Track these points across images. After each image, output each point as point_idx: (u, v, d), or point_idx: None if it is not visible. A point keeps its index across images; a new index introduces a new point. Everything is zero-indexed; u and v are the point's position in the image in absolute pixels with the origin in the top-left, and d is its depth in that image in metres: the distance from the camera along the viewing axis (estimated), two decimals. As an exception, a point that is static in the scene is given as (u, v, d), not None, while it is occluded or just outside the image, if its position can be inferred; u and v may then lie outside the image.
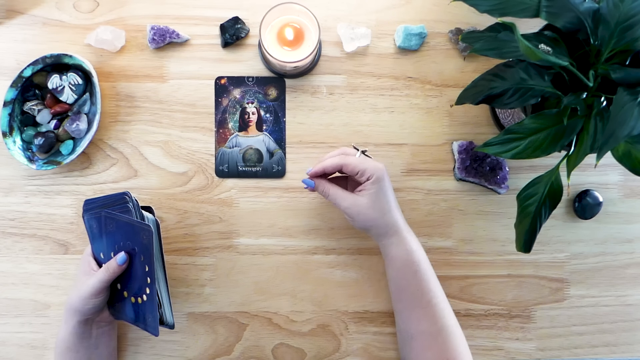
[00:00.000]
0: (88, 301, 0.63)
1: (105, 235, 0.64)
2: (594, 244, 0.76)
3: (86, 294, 0.62)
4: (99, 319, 0.67)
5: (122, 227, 0.62)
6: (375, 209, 0.65)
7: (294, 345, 0.74)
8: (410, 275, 0.66)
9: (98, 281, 0.62)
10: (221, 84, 0.74)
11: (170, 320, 0.67)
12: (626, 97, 0.52)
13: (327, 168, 0.66)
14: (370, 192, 0.65)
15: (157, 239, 0.66)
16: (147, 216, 0.66)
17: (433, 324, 0.65)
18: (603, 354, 0.76)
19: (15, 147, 0.70)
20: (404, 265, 0.66)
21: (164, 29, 0.73)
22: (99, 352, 0.67)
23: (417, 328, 0.65)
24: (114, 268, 0.62)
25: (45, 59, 0.70)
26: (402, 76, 0.75)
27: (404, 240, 0.66)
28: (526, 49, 0.51)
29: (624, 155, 0.57)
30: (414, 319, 0.66)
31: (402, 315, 0.67)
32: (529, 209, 0.62)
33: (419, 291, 0.66)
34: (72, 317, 0.64)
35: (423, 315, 0.65)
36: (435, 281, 0.67)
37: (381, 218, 0.66)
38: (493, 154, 0.60)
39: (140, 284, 0.63)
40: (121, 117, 0.74)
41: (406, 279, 0.66)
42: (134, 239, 0.62)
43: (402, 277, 0.66)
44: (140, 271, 0.62)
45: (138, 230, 0.61)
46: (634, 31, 0.55)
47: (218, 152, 0.74)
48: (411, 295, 0.66)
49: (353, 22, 0.75)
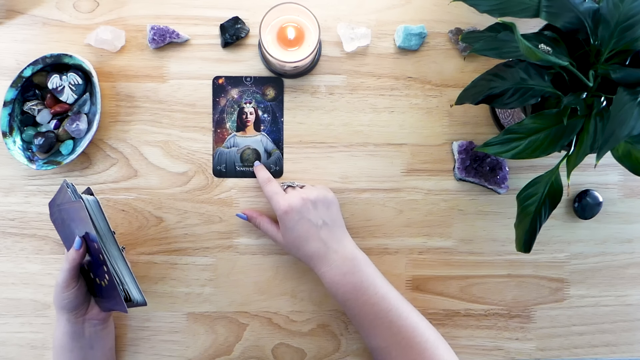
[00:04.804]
0: (62, 295, 0.63)
1: (65, 228, 0.65)
2: (594, 244, 0.76)
3: (59, 289, 0.63)
4: (89, 316, 0.66)
5: (70, 215, 0.63)
6: (289, 246, 0.67)
7: (294, 345, 0.74)
8: (349, 297, 0.64)
9: (63, 272, 0.63)
10: (219, 84, 0.74)
11: (139, 297, 0.65)
12: (626, 97, 0.51)
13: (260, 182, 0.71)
14: (281, 229, 0.67)
15: (102, 216, 0.65)
16: (86, 197, 0.65)
17: (383, 340, 0.63)
18: (603, 354, 0.76)
19: (15, 147, 0.70)
20: (342, 292, 0.65)
21: (164, 29, 0.73)
22: (94, 353, 0.67)
23: (373, 344, 0.65)
24: (72, 254, 0.63)
25: (45, 59, 0.70)
26: (402, 76, 0.75)
27: (331, 265, 0.65)
28: (526, 49, 0.51)
29: (624, 155, 0.57)
30: (370, 336, 0.65)
31: (361, 334, 0.66)
32: (529, 209, 0.62)
33: (362, 312, 0.64)
34: (61, 317, 0.66)
35: (376, 332, 0.64)
36: (378, 294, 0.64)
37: (298, 253, 0.67)
38: (493, 154, 0.60)
39: (100, 265, 0.62)
40: (121, 117, 0.74)
41: (348, 303, 0.65)
42: (80, 222, 0.62)
43: (343, 302, 0.65)
44: (96, 253, 0.62)
45: (77, 211, 0.61)
46: (634, 31, 0.55)
47: (216, 152, 0.74)
48: (356, 316, 0.65)
49: (353, 22, 0.75)
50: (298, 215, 0.66)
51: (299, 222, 0.66)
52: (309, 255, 0.66)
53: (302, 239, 0.66)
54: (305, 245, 0.66)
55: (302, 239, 0.66)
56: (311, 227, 0.66)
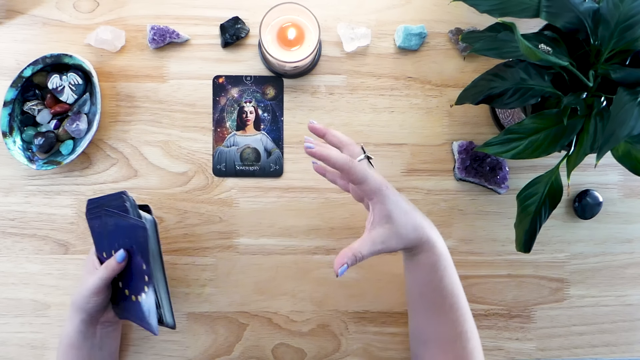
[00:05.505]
0: (90, 299, 0.63)
1: (106, 234, 0.64)
2: (594, 244, 0.76)
3: (88, 292, 0.63)
4: (104, 319, 0.67)
5: (120, 225, 0.63)
6: (398, 235, 0.58)
7: (294, 345, 0.74)
8: (436, 281, 0.60)
9: (98, 279, 0.62)
10: (219, 83, 0.74)
11: (170, 320, 0.67)
12: (626, 97, 0.51)
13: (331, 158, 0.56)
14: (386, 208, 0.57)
15: (155, 237, 0.66)
16: (145, 215, 0.66)
17: (452, 329, 0.60)
18: (603, 354, 0.76)
19: (15, 147, 0.70)
20: (431, 271, 0.60)
21: (164, 29, 0.73)
22: (102, 354, 0.67)
23: (435, 332, 0.61)
24: (112, 266, 0.63)
25: (45, 59, 0.70)
26: (402, 76, 0.75)
27: (434, 247, 0.60)
28: (526, 49, 0.51)
29: (624, 155, 0.57)
30: (433, 324, 0.62)
31: (419, 318, 0.63)
32: (529, 209, 0.62)
33: (442, 297, 0.60)
34: (76, 315, 0.65)
35: (443, 320, 0.61)
36: (458, 284, 0.61)
37: (410, 237, 0.58)
38: (493, 154, 0.59)
39: (139, 282, 0.63)
40: (121, 117, 0.74)
41: (431, 285, 0.61)
42: (131, 237, 0.62)
43: (427, 283, 0.61)
44: (138, 269, 0.63)
45: (134, 228, 0.62)
46: (634, 31, 0.55)
47: (215, 151, 0.74)
48: (433, 300, 0.61)
49: (353, 22, 0.75)
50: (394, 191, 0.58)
51: (397, 198, 0.58)
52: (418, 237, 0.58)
53: (409, 209, 0.59)
54: (416, 226, 0.58)
55: (409, 209, 0.59)
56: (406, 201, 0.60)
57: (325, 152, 0.56)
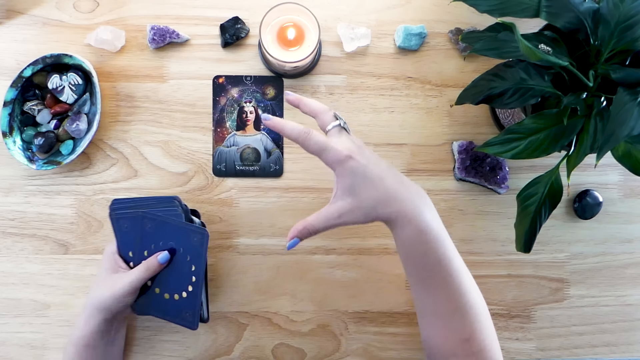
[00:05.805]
0: (122, 299, 0.63)
1: (141, 234, 0.65)
2: (594, 244, 0.76)
3: (122, 292, 0.62)
4: (121, 316, 0.67)
5: (166, 228, 0.65)
6: (360, 208, 0.55)
7: (294, 345, 0.74)
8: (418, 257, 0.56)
9: (136, 279, 0.63)
10: (219, 83, 0.74)
11: (206, 315, 0.69)
12: (626, 97, 0.52)
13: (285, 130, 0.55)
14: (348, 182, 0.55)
15: None
16: (195, 220, 0.68)
17: (448, 303, 0.56)
18: (603, 354, 0.76)
19: (15, 147, 0.70)
20: (412, 247, 0.56)
21: (164, 29, 0.73)
22: (113, 349, 0.68)
23: (431, 307, 0.58)
24: (154, 266, 0.64)
25: (45, 59, 0.70)
26: (402, 76, 0.75)
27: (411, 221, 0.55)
28: (526, 49, 0.51)
29: (624, 155, 0.57)
30: (428, 297, 0.57)
31: (415, 290, 0.59)
32: (529, 209, 0.62)
33: (430, 272, 0.56)
34: (98, 315, 0.63)
35: (437, 294, 0.56)
36: (449, 259, 0.56)
37: (378, 211, 0.55)
38: (493, 154, 0.60)
39: (180, 281, 0.65)
40: (121, 117, 0.74)
41: (414, 261, 0.57)
42: (180, 240, 0.64)
43: (410, 259, 0.57)
44: (183, 270, 0.64)
45: (189, 233, 0.64)
46: (634, 31, 0.55)
47: (215, 151, 0.74)
48: (421, 276, 0.57)
49: (353, 22, 0.75)
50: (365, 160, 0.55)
51: (369, 167, 0.55)
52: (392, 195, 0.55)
53: (381, 180, 0.55)
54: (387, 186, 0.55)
55: (381, 180, 0.55)
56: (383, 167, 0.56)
57: (279, 124, 0.56)
